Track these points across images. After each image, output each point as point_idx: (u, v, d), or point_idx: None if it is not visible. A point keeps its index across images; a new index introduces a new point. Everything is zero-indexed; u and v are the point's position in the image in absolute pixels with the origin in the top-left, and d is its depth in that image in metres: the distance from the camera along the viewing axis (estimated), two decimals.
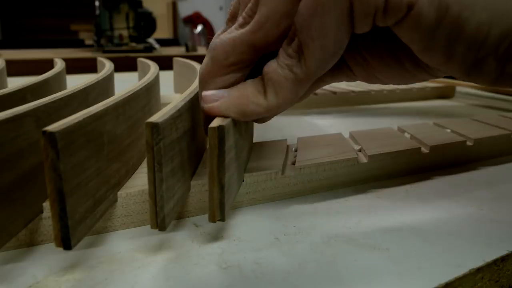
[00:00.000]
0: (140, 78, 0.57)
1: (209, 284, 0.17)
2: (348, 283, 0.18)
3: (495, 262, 0.20)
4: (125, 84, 0.40)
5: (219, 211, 0.19)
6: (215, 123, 0.18)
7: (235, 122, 0.20)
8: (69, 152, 0.15)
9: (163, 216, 0.17)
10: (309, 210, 0.25)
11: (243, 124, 0.23)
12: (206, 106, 0.20)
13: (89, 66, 0.96)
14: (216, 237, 0.21)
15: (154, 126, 0.16)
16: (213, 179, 0.18)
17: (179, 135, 0.19)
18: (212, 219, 0.19)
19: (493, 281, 0.20)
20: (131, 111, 0.22)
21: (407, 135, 0.34)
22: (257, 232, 0.22)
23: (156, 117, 0.17)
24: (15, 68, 0.88)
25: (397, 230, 0.22)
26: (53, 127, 0.15)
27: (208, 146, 0.18)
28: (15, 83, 0.28)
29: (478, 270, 0.19)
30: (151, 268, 0.19)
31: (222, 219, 0.19)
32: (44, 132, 0.14)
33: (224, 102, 0.20)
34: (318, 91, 0.57)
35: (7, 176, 0.17)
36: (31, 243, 0.20)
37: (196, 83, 0.26)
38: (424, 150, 0.31)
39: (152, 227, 0.17)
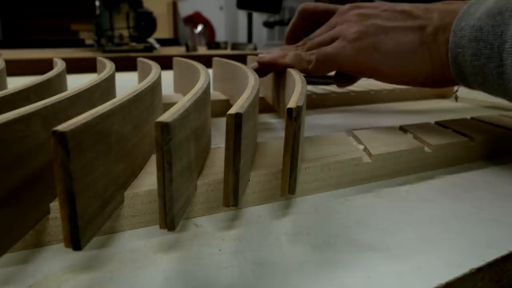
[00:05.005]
0: (140, 78, 0.57)
1: (209, 284, 0.18)
2: (348, 283, 0.18)
3: (495, 262, 0.20)
4: (125, 83, 0.41)
5: (233, 196, 0.20)
6: (233, 110, 0.19)
7: (249, 112, 0.21)
8: (78, 152, 0.15)
9: (172, 216, 0.17)
10: (309, 210, 0.25)
11: (254, 117, 0.24)
12: (275, 59, 0.38)
13: (89, 66, 0.96)
14: (216, 237, 0.21)
15: (164, 125, 0.16)
16: (228, 164, 0.19)
17: (187, 134, 0.19)
18: (226, 204, 0.19)
19: (494, 281, 0.20)
20: (136, 111, 0.22)
21: (409, 134, 0.34)
22: (257, 232, 0.22)
23: (165, 117, 0.17)
24: (15, 68, 0.88)
25: (397, 230, 0.23)
26: (63, 126, 0.15)
27: (225, 132, 0.19)
28: (15, 83, 0.28)
29: (479, 270, 0.19)
30: (150, 268, 0.19)
31: (236, 204, 0.20)
32: (54, 132, 0.14)
33: (288, 57, 0.38)
34: (318, 91, 0.57)
35: (15, 176, 0.17)
36: (38, 244, 0.20)
37: (200, 83, 0.26)
38: (427, 149, 0.31)
39: (161, 228, 0.17)
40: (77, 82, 0.27)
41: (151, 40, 1.27)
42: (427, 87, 0.38)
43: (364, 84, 0.67)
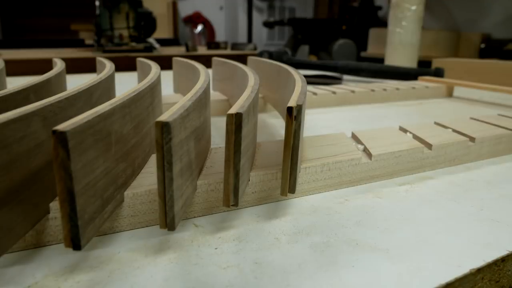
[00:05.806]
0: (139, 78, 0.57)
1: (209, 284, 0.18)
2: (348, 283, 0.18)
3: (495, 262, 0.20)
4: (124, 84, 0.41)
5: (233, 196, 0.20)
6: (233, 110, 0.19)
7: (249, 112, 0.21)
8: (79, 152, 0.15)
9: (172, 216, 0.17)
10: (309, 210, 0.25)
11: (254, 117, 0.24)
12: None
13: (89, 66, 0.96)
14: (216, 237, 0.21)
15: (164, 125, 0.16)
16: (229, 164, 0.19)
17: (187, 134, 0.19)
18: (226, 204, 0.20)
19: (494, 282, 0.20)
20: (136, 111, 0.22)
21: (409, 134, 0.34)
22: (257, 232, 0.22)
23: (165, 116, 0.17)
24: (15, 68, 0.89)
25: (397, 230, 0.23)
26: (63, 126, 0.15)
27: (225, 132, 0.19)
28: (15, 83, 0.28)
29: (478, 270, 0.19)
30: (150, 268, 0.19)
31: (236, 204, 0.20)
32: (54, 132, 0.14)
33: None
34: (318, 91, 0.57)
35: (15, 176, 0.17)
36: (38, 244, 0.20)
37: (200, 83, 0.26)
38: (427, 149, 0.31)
39: (161, 227, 0.17)
40: (77, 82, 0.28)
41: (151, 40, 1.27)
42: None
43: (364, 84, 0.67)
